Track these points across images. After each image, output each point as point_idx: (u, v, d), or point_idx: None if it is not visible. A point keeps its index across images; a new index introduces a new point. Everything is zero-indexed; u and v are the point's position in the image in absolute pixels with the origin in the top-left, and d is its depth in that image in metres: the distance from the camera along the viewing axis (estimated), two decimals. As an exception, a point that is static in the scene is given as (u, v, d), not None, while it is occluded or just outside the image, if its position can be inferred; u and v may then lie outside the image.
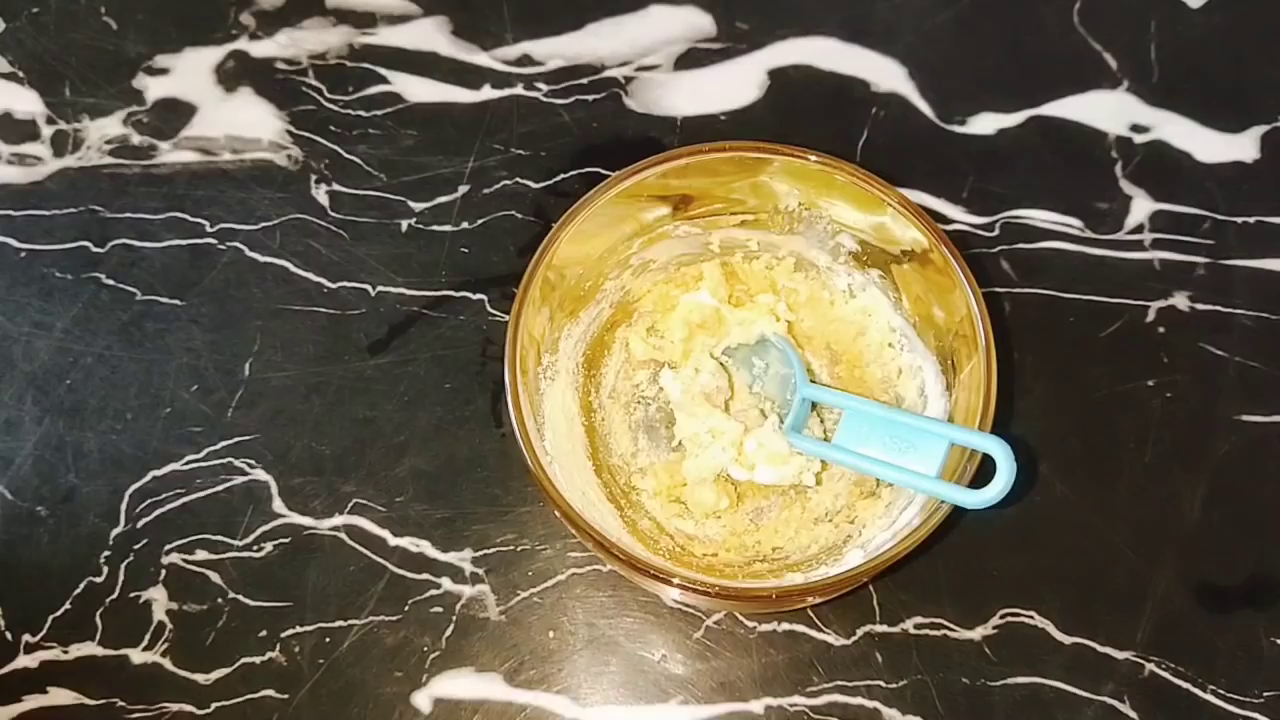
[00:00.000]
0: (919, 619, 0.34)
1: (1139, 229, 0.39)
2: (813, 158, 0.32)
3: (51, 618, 0.35)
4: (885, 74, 0.41)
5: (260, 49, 0.42)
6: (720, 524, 0.34)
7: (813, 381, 0.35)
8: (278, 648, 0.34)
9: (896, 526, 0.31)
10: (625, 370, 0.36)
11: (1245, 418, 0.36)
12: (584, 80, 0.41)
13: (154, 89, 0.42)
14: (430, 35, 0.42)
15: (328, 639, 0.34)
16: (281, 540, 0.35)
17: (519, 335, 0.31)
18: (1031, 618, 0.34)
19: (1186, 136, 0.41)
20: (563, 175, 0.40)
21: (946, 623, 0.34)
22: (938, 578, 0.34)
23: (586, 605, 0.34)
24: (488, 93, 0.41)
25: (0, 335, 0.38)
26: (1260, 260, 0.39)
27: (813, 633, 0.34)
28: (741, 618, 0.34)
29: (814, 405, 0.35)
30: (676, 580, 0.28)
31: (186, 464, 0.36)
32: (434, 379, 0.37)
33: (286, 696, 0.33)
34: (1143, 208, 0.39)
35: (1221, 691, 0.33)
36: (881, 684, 0.33)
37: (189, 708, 0.33)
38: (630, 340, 0.36)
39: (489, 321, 0.38)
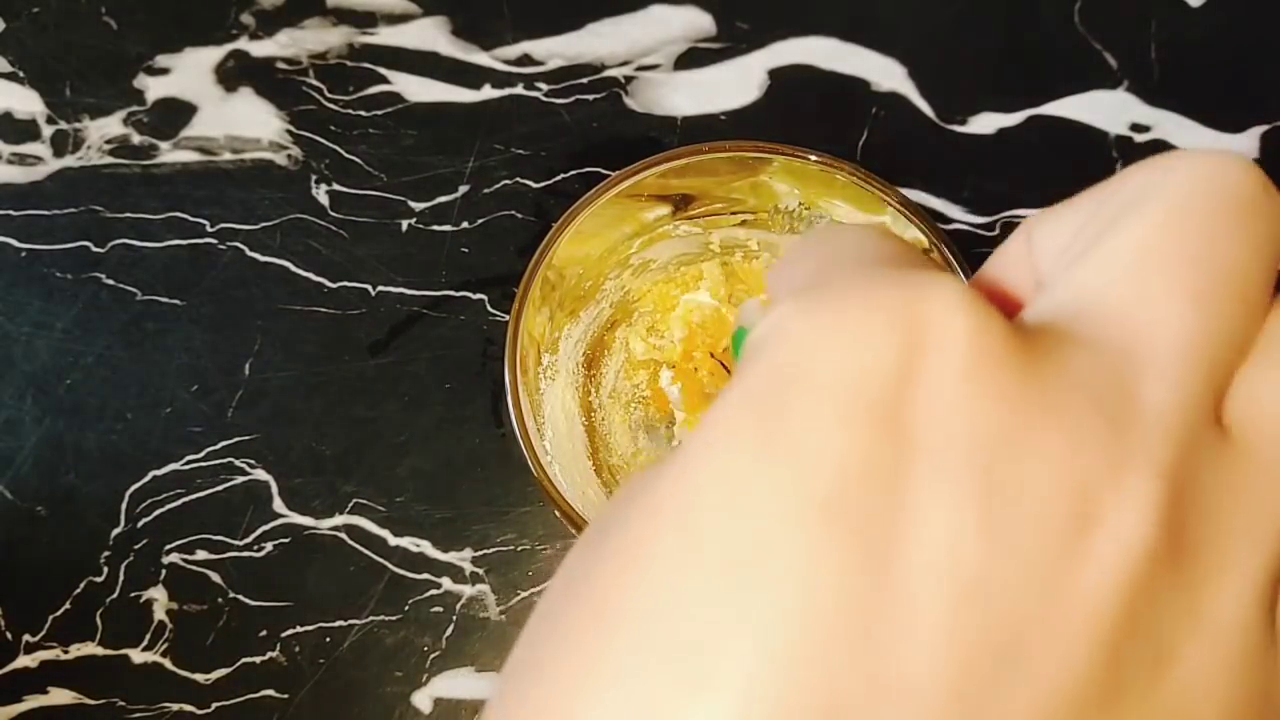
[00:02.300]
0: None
1: (1139, 229, 0.39)
2: (813, 158, 0.32)
3: (51, 618, 0.35)
4: (885, 74, 0.41)
5: (260, 49, 0.42)
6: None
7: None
8: (278, 648, 0.34)
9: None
10: (625, 370, 0.36)
11: (1245, 418, 0.36)
12: (584, 80, 0.41)
13: (154, 89, 0.42)
14: (430, 35, 0.42)
15: (328, 639, 0.34)
16: (281, 540, 0.35)
17: (519, 335, 0.31)
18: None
19: (1187, 136, 0.41)
20: (563, 175, 0.40)
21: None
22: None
23: (586, 605, 0.34)
24: (488, 92, 0.41)
25: (0, 335, 0.38)
26: (1260, 260, 0.39)
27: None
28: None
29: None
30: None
31: (186, 464, 0.36)
32: (434, 379, 0.37)
33: (286, 696, 0.33)
34: (1143, 208, 0.39)
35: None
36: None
37: (189, 708, 0.33)
38: (630, 340, 0.36)
39: (489, 321, 0.38)
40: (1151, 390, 0.11)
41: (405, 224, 0.39)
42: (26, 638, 0.34)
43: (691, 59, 0.42)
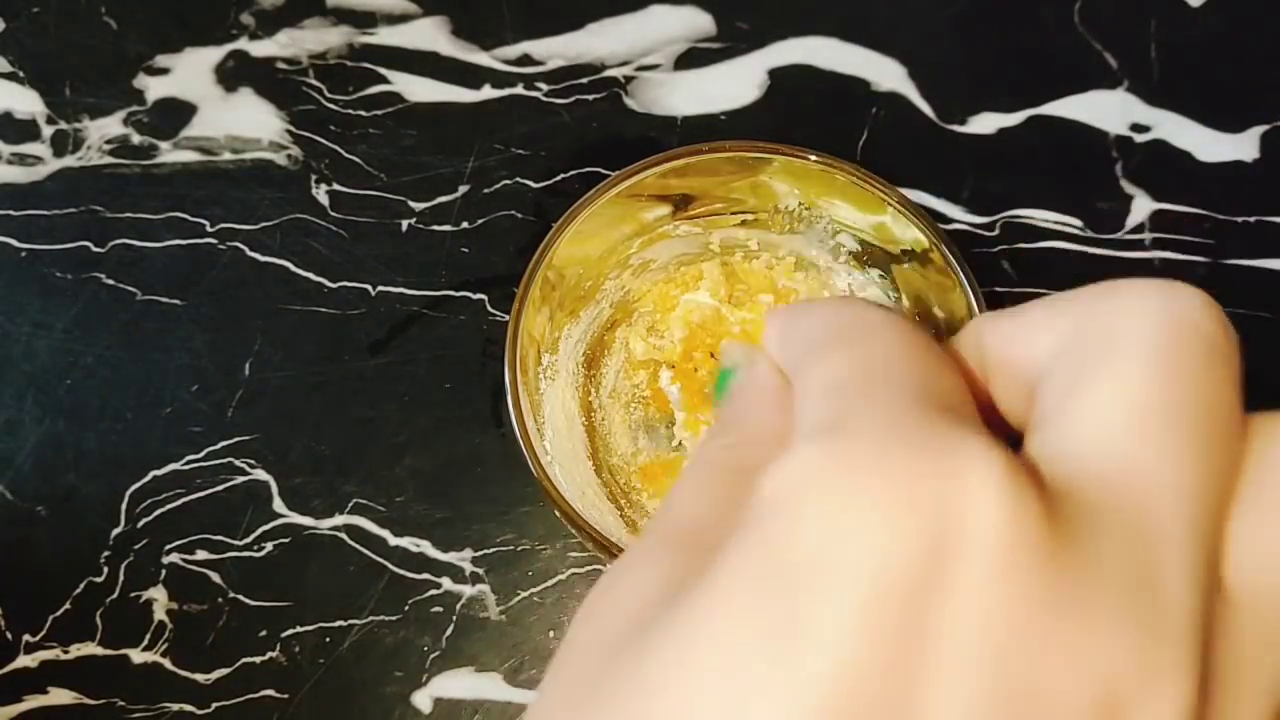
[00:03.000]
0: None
1: (1139, 229, 0.39)
2: (813, 158, 0.32)
3: (51, 618, 0.35)
4: (885, 74, 0.41)
5: (260, 49, 0.42)
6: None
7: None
8: (278, 648, 0.34)
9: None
10: (625, 370, 0.36)
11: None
12: (584, 80, 0.41)
13: (154, 89, 0.42)
14: (430, 35, 0.42)
15: (328, 639, 0.34)
16: (281, 540, 0.35)
17: (519, 335, 0.31)
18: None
19: (1186, 136, 0.41)
20: (563, 175, 0.40)
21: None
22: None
23: (586, 605, 0.34)
24: (488, 92, 0.41)
25: (0, 335, 0.38)
26: (1260, 260, 0.39)
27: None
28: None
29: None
30: (676, 580, 0.28)
31: (186, 464, 0.36)
32: (434, 379, 0.37)
33: (286, 696, 0.33)
34: (1143, 207, 0.39)
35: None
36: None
37: (189, 708, 0.33)
38: (630, 340, 0.36)
39: (489, 321, 0.38)
40: (1172, 572, 0.10)
41: (405, 224, 0.39)
42: (26, 638, 0.34)
43: (691, 59, 0.42)
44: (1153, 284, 0.12)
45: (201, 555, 0.35)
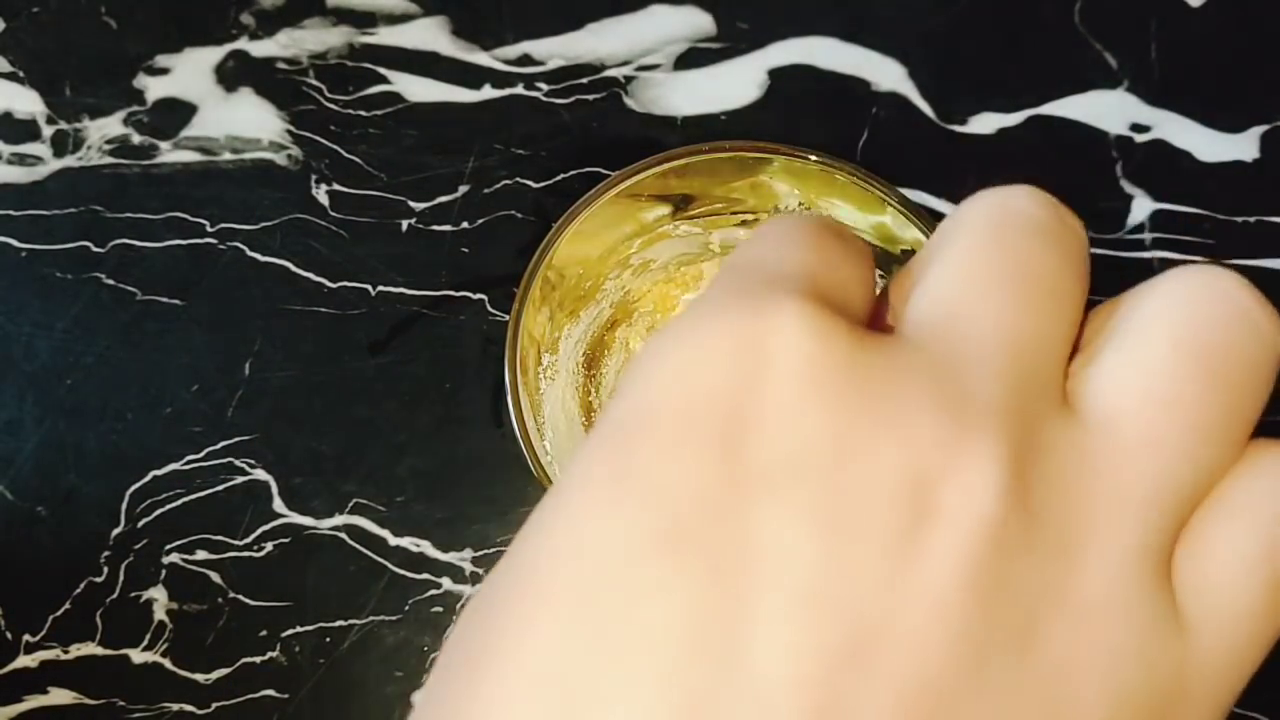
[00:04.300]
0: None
1: (1139, 229, 0.39)
2: (813, 158, 0.32)
3: (51, 618, 0.35)
4: (885, 74, 0.41)
5: (260, 49, 0.42)
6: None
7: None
8: (278, 648, 0.34)
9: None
10: (626, 370, 0.36)
11: (1245, 418, 0.36)
12: (584, 80, 0.41)
13: (154, 89, 0.42)
14: (430, 35, 0.42)
15: (328, 639, 0.34)
16: (282, 540, 0.35)
17: (519, 335, 0.31)
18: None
19: (1187, 136, 0.41)
20: (563, 175, 0.40)
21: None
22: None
23: (586, 605, 0.34)
24: (488, 92, 0.41)
25: (0, 335, 0.38)
26: (1261, 260, 0.39)
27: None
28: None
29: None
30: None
31: (186, 464, 0.36)
32: (434, 379, 0.37)
33: (286, 696, 0.33)
34: (1143, 207, 0.39)
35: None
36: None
37: (189, 708, 0.33)
38: (630, 340, 0.36)
39: (489, 321, 0.38)
40: (980, 378, 0.11)
41: (405, 224, 0.39)
42: (26, 638, 0.34)
43: (691, 59, 0.42)
44: (998, 188, 0.14)
45: (201, 555, 0.35)
